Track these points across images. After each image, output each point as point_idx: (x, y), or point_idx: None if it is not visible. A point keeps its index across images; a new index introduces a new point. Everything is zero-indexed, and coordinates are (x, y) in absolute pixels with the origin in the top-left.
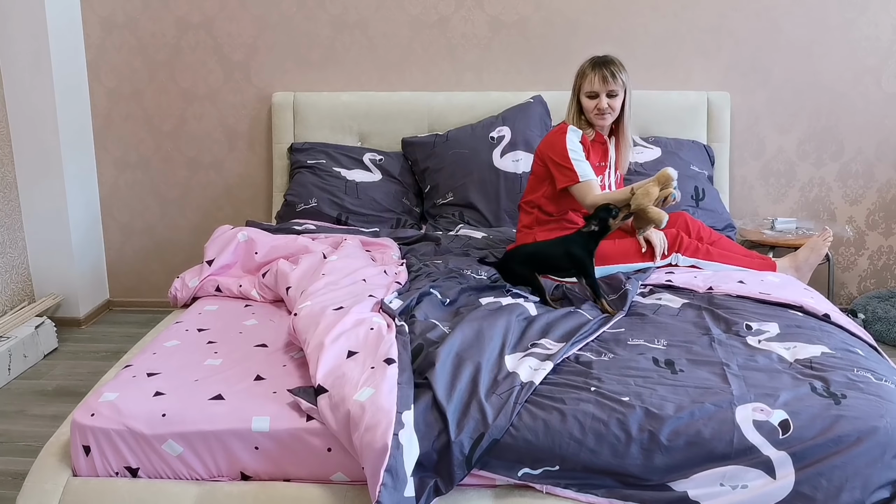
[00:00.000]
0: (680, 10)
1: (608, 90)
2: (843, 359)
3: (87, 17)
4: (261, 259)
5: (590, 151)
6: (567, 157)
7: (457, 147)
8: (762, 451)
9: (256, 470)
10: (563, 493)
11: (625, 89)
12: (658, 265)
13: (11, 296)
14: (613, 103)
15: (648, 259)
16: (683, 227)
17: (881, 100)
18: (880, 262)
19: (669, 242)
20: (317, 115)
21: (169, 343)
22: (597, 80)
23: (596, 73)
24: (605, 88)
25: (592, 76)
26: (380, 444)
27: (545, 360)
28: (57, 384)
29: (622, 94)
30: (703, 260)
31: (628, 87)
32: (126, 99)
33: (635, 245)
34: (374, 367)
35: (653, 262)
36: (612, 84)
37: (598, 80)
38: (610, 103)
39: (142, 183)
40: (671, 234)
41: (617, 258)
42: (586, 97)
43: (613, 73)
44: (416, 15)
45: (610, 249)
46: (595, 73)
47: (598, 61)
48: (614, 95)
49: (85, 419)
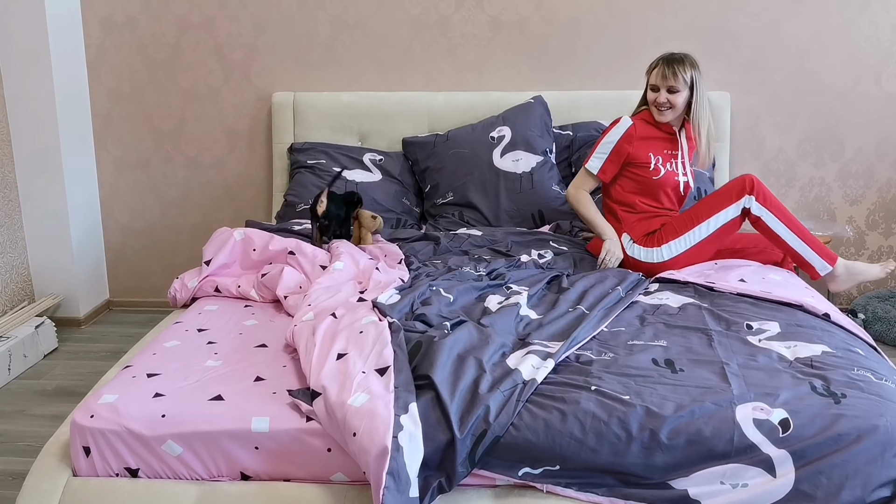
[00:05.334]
0: (680, 10)
1: (668, 86)
2: (843, 358)
3: (87, 17)
4: (258, 257)
5: (649, 141)
6: (599, 143)
7: (457, 147)
8: (762, 450)
9: (256, 470)
10: (563, 492)
11: (692, 87)
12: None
13: (11, 296)
14: (673, 99)
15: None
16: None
17: (881, 100)
18: (880, 263)
19: (738, 188)
20: (317, 115)
21: (169, 343)
22: (659, 75)
23: (661, 68)
24: (665, 84)
25: (658, 70)
26: (379, 448)
27: (547, 359)
28: (57, 384)
29: (686, 91)
30: (773, 215)
31: (698, 86)
32: (126, 99)
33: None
34: (365, 372)
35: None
36: (672, 81)
37: (660, 74)
38: (670, 99)
39: (142, 183)
40: (741, 179)
41: (689, 223)
42: (650, 89)
43: (675, 71)
44: (416, 15)
45: (680, 220)
46: (660, 68)
47: (667, 57)
48: (675, 91)
49: (84, 420)
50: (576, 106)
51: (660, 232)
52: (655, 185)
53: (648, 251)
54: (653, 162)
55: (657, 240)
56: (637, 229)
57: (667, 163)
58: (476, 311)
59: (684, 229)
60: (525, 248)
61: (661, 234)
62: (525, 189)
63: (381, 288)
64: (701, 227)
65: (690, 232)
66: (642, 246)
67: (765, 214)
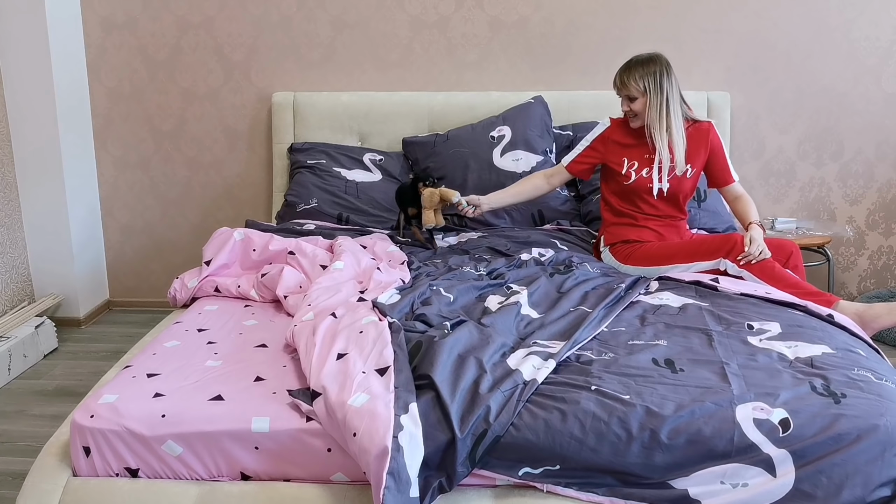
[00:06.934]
0: (680, 10)
1: (624, 94)
2: (843, 358)
3: (87, 17)
4: (258, 257)
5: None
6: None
7: (457, 146)
8: (762, 450)
9: (256, 470)
10: (563, 491)
11: (646, 94)
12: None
13: (11, 296)
14: (634, 107)
15: (691, 261)
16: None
17: (881, 100)
18: (880, 262)
19: (718, 245)
20: (317, 115)
21: (169, 343)
22: (615, 84)
23: (616, 76)
24: (621, 93)
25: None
26: (379, 448)
27: (548, 360)
28: (57, 384)
29: (642, 98)
30: (751, 273)
31: (652, 92)
32: (126, 99)
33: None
34: (365, 372)
35: (697, 263)
36: (625, 90)
37: (615, 83)
38: (631, 106)
39: (142, 183)
40: (729, 237)
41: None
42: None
43: (624, 81)
44: (416, 15)
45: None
46: (616, 77)
47: (624, 65)
48: (633, 99)
49: (84, 420)
50: (576, 106)
51: (635, 251)
52: (628, 190)
53: (619, 264)
54: (625, 167)
55: (630, 257)
56: (612, 233)
57: (643, 168)
58: (476, 311)
59: (658, 262)
60: (525, 247)
61: (635, 255)
62: None
63: (381, 288)
64: (677, 267)
65: (663, 267)
66: (613, 255)
67: (745, 275)
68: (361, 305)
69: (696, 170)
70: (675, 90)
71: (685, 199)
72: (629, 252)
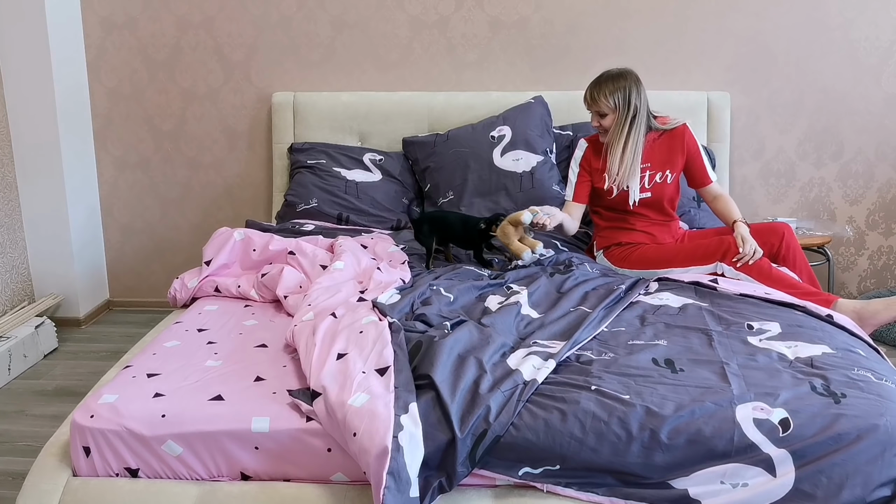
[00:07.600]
0: (680, 10)
1: (594, 110)
2: (843, 358)
3: (87, 17)
4: (258, 257)
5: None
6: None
7: (457, 146)
8: (762, 449)
9: (256, 470)
10: (563, 491)
11: (616, 110)
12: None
13: (11, 296)
14: (604, 122)
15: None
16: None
17: (881, 100)
18: (880, 262)
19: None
20: (317, 115)
21: (169, 343)
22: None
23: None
24: (591, 108)
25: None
26: (379, 448)
27: (548, 360)
28: (57, 384)
29: (612, 114)
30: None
31: (621, 107)
32: (126, 99)
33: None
34: (365, 372)
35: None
36: (594, 106)
37: (584, 99)
38: (601, 122)
39: (142, 183)
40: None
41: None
42: None
43: (595, 97)
44: (416, 15)
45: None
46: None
47: (594, 80)
48: (603, 115)
49: (84, 420)
50: (576, 106)
51: (630, 254)
52: (613, 203)
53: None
54: (606, 183)
55: (625, 260)
56: (605, 237)
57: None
58: (476, 311)
59: (655, 266)
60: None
61: (630, 258)
62: (525, 188)
63: (381, 288)
64: (673, 270)
65: (660, 269)
66: (608, 258)
67: (743, 277)
68: (361, 305)
69: (675, 174)
70: (643, 106)
71: (670, 202)
72: (624, 255)
